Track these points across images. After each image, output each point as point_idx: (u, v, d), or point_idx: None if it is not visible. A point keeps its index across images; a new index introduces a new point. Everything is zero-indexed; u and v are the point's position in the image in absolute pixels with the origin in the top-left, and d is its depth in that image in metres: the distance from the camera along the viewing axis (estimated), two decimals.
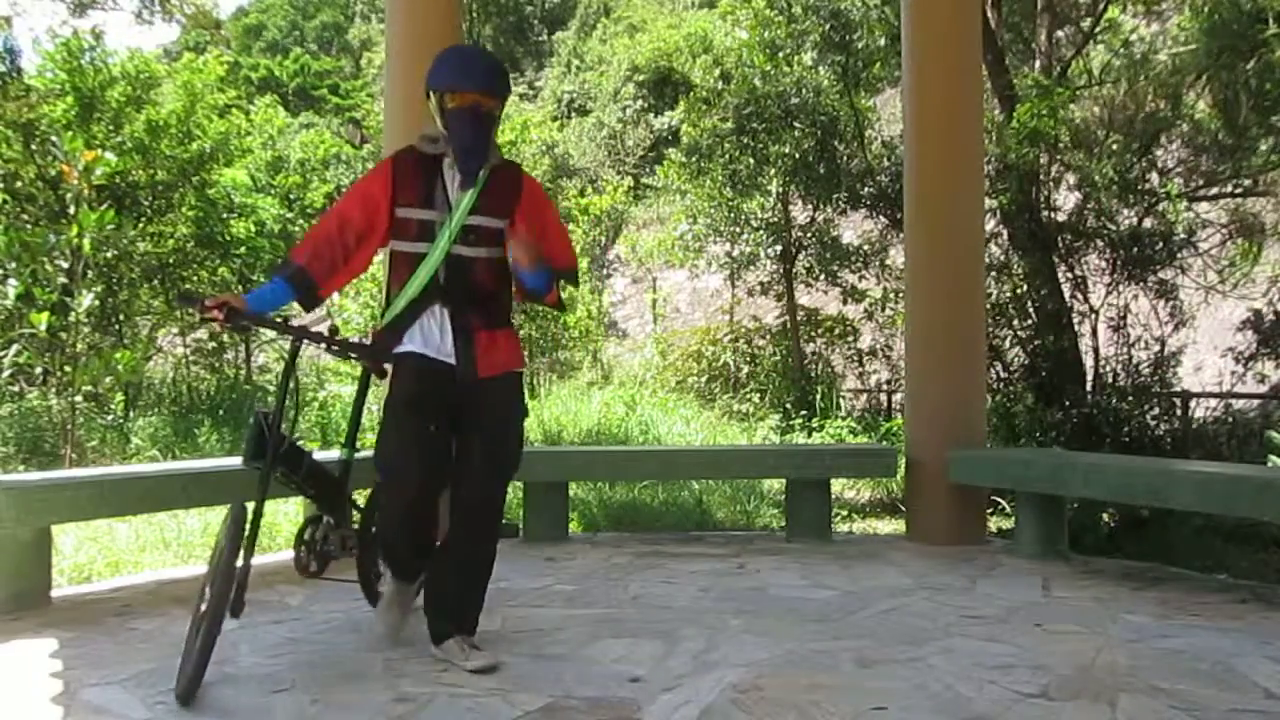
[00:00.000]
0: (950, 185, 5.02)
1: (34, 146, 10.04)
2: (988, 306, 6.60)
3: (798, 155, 10.37)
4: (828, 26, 10.16)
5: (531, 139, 14.68)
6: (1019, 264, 8.29)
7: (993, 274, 8.00)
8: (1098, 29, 8.99)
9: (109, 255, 9.29)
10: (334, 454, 3.47)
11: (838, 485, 6.79)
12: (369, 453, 3.08)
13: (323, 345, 2.94)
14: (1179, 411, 8.12)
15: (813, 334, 12.27)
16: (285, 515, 5.56)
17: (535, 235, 2.98)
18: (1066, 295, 8.12)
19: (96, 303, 7.83)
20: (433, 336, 2.92)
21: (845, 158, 10.18)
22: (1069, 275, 8.19)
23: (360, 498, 3.35)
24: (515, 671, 2.90)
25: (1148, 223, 8.09)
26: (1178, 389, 8.36)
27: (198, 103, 11.47)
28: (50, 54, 10.58)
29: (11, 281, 6.22)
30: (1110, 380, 7.97)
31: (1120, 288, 8.09)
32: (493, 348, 2.95)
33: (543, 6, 32.72)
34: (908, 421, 5.30)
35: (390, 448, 2.91)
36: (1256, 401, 8.50)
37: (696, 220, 12.31)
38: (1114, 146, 8.19)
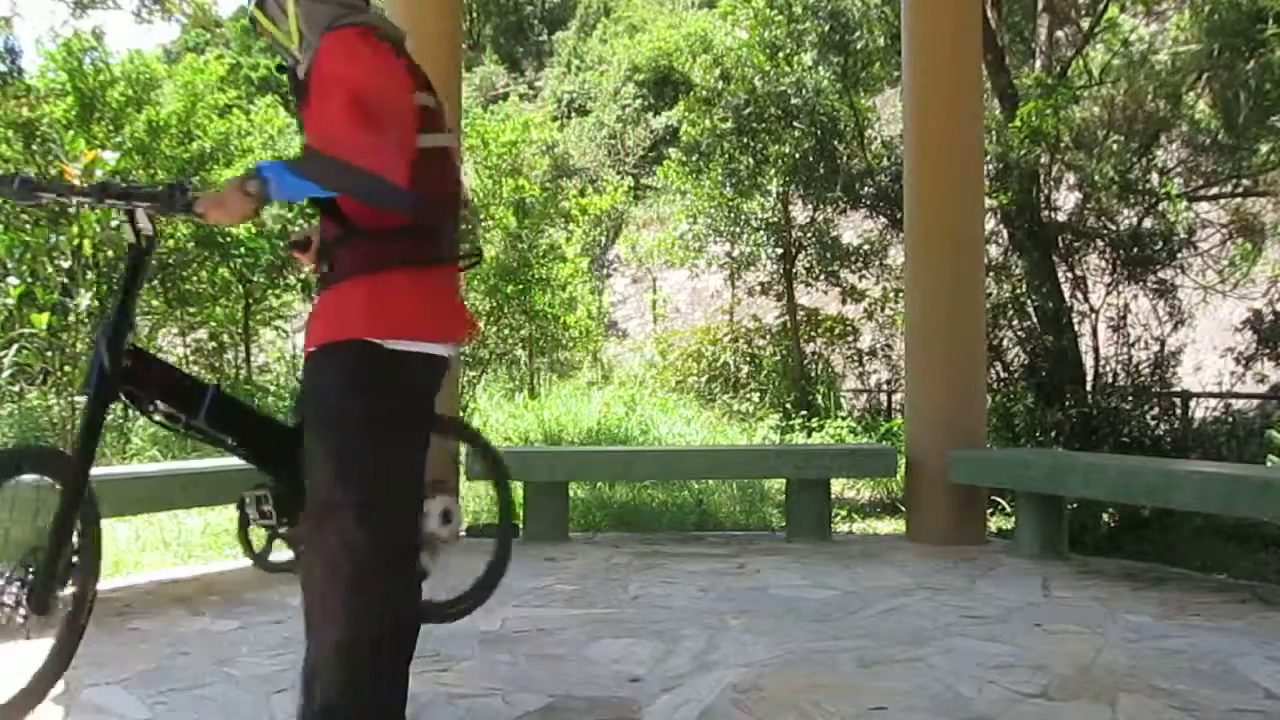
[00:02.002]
0: (950, 185, 5.03)
1: (34, 146, 10.03)
2: (988, 306, 6.61)
3: (798, 155, 10.37)
4: (828, 26, 10.17)
5: (532, 139, 14.72)
6: (1019, 264, 8.29)
7: (993, 274, 8.00)
8: (1098, 29, 8.99)
9: (109, 255, 9.29)
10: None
11: (838, 485, 6.78)
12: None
13: (101, 204, 2.24)
14: (1179, 411, 8.13)
15: (813, 334, 12.27)
16: None
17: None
18: (1066, 295, 8.12)
19: (96, 303, 7.82)
20: None
21: (845, 158, 10.19)
22: (1069, 275, 8.19)
23: None
24: (515, 671, 2.90)
25: (1148, 223, 8.09)
26: (1178, 389, 8.36)
27: (198, 103, 11.48)
28: (51, 54, 10.59)
29: (11, 280, 6.22)
30: (1110, 380, 7.97)
31: (1120, 288, 8.09)
32: (318, 312, 2.08)
33: (543, 6, 32.70)
34: (908, 421, 5.30)
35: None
36: (1256, 401, 8.51)
37: (696, 220, 12.32)
38: (1114, 146, 8.19)
